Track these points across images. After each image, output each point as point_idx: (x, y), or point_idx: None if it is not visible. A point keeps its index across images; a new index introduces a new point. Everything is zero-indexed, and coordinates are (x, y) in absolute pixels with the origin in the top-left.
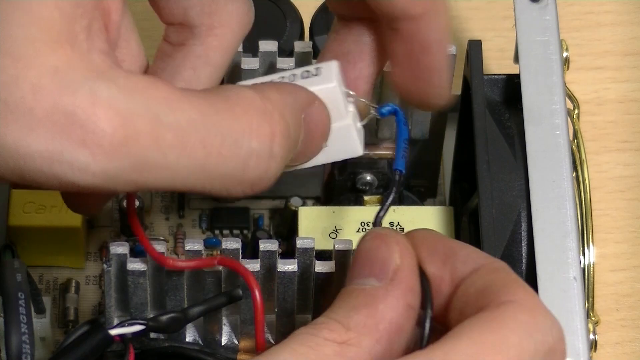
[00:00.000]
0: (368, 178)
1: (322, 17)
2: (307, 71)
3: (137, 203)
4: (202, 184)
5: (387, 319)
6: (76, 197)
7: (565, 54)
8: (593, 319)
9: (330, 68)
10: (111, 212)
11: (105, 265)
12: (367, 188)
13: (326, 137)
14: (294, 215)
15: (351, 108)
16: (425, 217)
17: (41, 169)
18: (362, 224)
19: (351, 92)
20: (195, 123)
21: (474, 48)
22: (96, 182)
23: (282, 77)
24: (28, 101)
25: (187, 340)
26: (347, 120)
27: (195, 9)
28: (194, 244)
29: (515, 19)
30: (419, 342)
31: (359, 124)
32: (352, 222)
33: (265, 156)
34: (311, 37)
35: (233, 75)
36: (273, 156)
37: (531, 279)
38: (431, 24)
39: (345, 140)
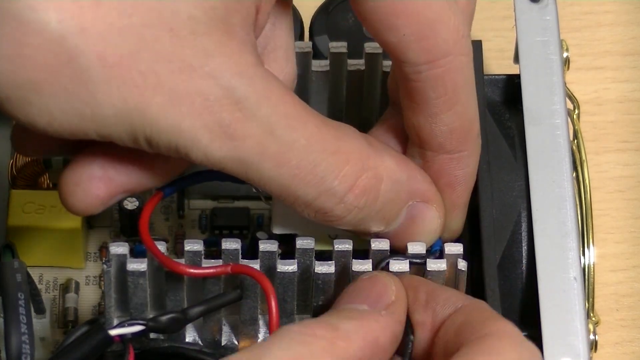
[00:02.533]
0: None
1: (322, 17)
2: None
3: (137, 204)
4: (279, 194)
5: (375, 335)
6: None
7: (565, 54)
8: (593, 319)
9: None
10: (111, 213)
11: (105, 266)
12: None
13: (433, 238)
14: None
15: None
16: None
17: (167, 137)
18: None
19: None
20: (299, 146)
21: (474, 48)
22: (204, 160)
23: None
24: (174, 78)
25: (187, 340)
26: None
27: None
28: (193, 245)
29: (515, 19)
30: None
31: None
32: None
33: (337, 198)
34: (311, 37)
35: None
36: (343, 202)
37: (531, 279)
38: (462, 162)
39: None
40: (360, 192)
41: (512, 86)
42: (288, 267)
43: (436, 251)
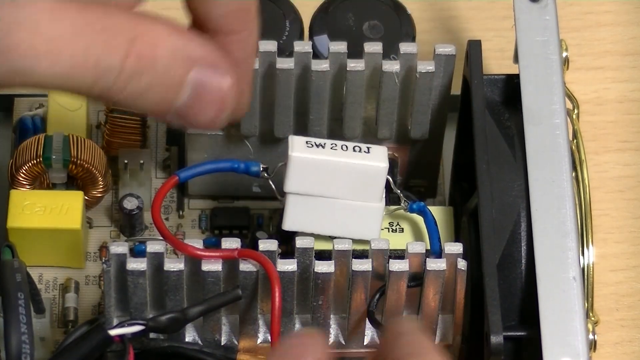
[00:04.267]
0: None
1: (322, 17)
2: (359, 147)
3: (136, 203)
4: (61, 89)
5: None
6: None
7: (565, 54)
8: (592, 319)
9: (382, 151)
10: (111, 212)
11: (104, 265)
12: None
13: (224, 110)
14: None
15: (384, 193)
16: (415, 219)
17: None
18: None
19: (389, 178)
20: (68, 36)
21: (474, 48)
22: None
23: (334, 145)
24: None
25: (186, 340)
26: (380, 204)
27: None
28: (192, 242)
29: (515, 19)
30: None
31: (384, 211)
32: None
33: (116, 70)
34: (311, 37)
35: None
36: (122, 71)
37: (531, 279)
38: (241, 43)
39: (368, 220)
40: (136, 58)
41: (511, 86)
42: (288, 266)
43: (436, 252)
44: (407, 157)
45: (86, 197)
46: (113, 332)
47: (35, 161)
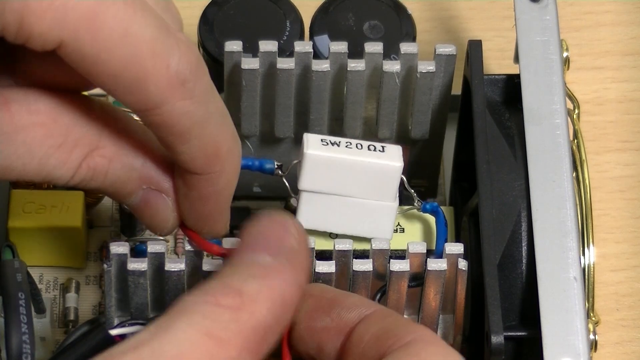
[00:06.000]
0: None
1: (322, 17)
2: (374, 146)
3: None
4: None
5: (281, 293)
6: None
7: (565, 54)
8: (593, 319)
9: (396, 150)
10: (111, 212)
11: (105, 265)
12: None
13: (164, 228)
14: (294, 214)
15: (397, 193)
16: (425, 217)
17: None
18: None
19: (403, 177)
20: (21, 154)
21: (474, 48)
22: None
23: (349, 143)
24: None
25: None
26: (394, 203)
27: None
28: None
29: (515, 19)
30: None
31: (397, 210)
32: None
33: (66, 179)
34: (311, 37)
35: (233, 75)
36: (72, 179)
37: (531, 279)
38: (210, 181)
39: (382, 220)
40: (85, 170)
41: (512, 86)
42: None
43: (440, 253)
44: (407, 157)
45: (86, 197)
46: (114, 332)
47: None
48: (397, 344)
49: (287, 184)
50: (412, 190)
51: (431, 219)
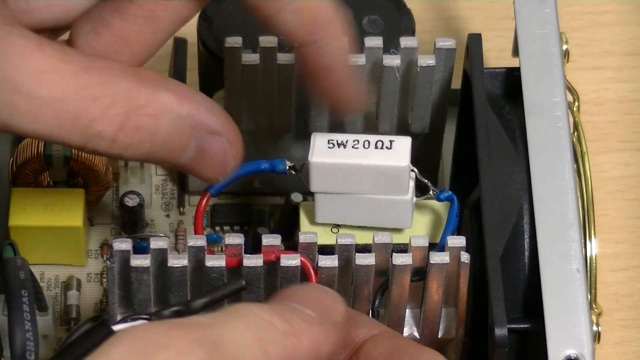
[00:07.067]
0: None
1: None
2: (381, 142)
3: (137, 200)
4: (49, 140)
5: (319, 344)
6: None
7: (565, 47)
8: (596, 310)
9: (405, 144)
10: (112, 210)
11: (108, 262)
12: None
13: (225, 169)
14: (295, 210)
15: (411, 184)
16: (426, 211)
17: None
18: None
19: (414, 169)
20: (55, 99)
21: (474, 42)
22: None
23: (356, 142)
24: None
25: None
26: (407, 197)
27: None
28: (197, 240)
29: (514, 12)
30: None
31: (414, 199)
32: None
33: (108, 139)
34: None
35: (233, 71)
36: (116, 141)
37: (534, 271)
38: (324, 48)
39: (399, 212)
40: (131, 131)
41: (512, 79)
42: (291, 261)
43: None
44: None
45: (87, 195)
46: (117, 328)
47: (36, 159)
48: None
49: (304, 181)
50: (427, 180)
51: (440, 211)
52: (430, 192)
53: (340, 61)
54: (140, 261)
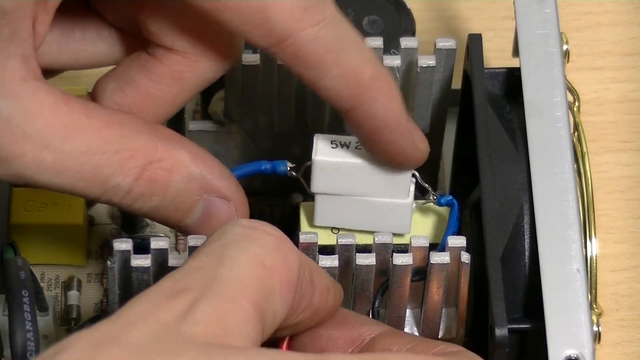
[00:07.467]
0: None
1: None
2: None
3: None
4: (70, 193)
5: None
6: None
7: (565, 47)
8: (596, 310)
9: None
10: (112, 210)
11: (109, 262)
12: None
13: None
14: (295, 210)
15: (412, 188)
16: (426, 213)
17: None
18: None
19: (415, 173)
20: (79, 153)
21: (474, 42)
22: None
23: (359, 142)
24: None
25: None
26: (407, 200)
27: (185, 39)
28: (197, 240)
29: (515, 12)
30: None
31: (414, 205)
32: None
33: (124, 191)
34: None
35: (233, 71)
36: (130, 192)
37: (534, 271)
38: (371, 109)
39: (398, 217)
40: (145, 182)
41: (512, 79)
42: None
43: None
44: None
45: None
46: None
47: None
48: (441, 352)
49: (304, 183)
50: (427, 185)
51: (440, 214)
52: (431, 197)
53: (391, 119)
54: (141, 261)
